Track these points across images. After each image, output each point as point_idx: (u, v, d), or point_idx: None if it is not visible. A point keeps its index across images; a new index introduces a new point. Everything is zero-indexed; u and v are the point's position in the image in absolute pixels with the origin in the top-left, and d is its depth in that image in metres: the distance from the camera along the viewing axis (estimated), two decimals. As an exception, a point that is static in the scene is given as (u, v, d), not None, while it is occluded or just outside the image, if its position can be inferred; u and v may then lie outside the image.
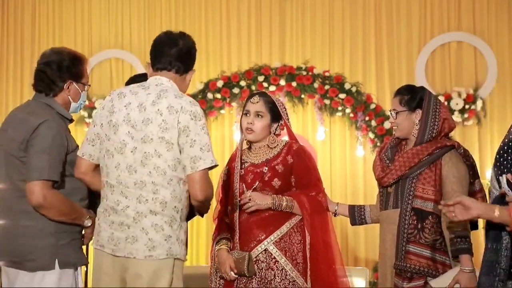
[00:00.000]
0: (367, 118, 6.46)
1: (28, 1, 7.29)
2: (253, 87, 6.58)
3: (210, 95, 6.64)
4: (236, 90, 6.62)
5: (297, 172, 3.35)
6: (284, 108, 3.47)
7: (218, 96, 6.64)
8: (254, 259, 3.23)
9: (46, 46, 6.20)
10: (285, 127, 3.48)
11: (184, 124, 2.66)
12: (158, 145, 2.66)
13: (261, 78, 6.60)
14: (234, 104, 6.70)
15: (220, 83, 6.65)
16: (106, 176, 2.75)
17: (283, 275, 3.22)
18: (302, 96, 6.61)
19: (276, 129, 3.41)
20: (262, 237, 3.26)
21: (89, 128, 2.84)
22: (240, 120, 3.41)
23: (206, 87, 6.69)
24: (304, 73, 6.58)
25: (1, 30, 7.33)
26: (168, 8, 7.14)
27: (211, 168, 2.69)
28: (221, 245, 3.30)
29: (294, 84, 6.56)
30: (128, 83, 3.37)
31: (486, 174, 5.94)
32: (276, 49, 6.95)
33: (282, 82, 6.59)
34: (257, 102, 3.36)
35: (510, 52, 6.67)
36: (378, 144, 6.29)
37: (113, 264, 2.71)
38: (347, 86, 6.53)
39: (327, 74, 6.60)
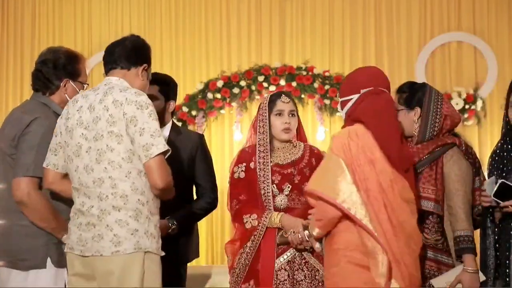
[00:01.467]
0: (367, 118, 6.45)
1: (28, 1, 7.29)
2: (253, 87, 6.58)
3: (210, 95, 6.64)
4: (236, 90, 6.62)
5: None
6: None
7: (218, 96, 6.64)
8: (289, 260, 3.23)
9: (46, 46, 6.08)
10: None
11: (130, 115, 2.66)
12: (109, 140, 2.66)
13: (261, 78, 6.60)
14: (234, 104, 6.70)
15: (220, 83, 6.64)
16: (72, 181, 2.78)
17: (312, 275, 3.23)
18: (302, 96, 6.61)
19: None
20: None
21: (52, 139, 2.86)
22: (269, 120, 3.36)
23: (206, 87, 6.69)
24: (304, 73, 6.58)
25: (1, 30, 7.33)
26: (168, 8, 7.14)
27: (164, 153, 2.67)
28: (277, 214, 3.23)
29: (294, 84, 6.56)
30: None
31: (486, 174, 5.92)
32: (276, 49, 6.94)
33: (282, 82, 6.58)
34: (289, 101, 3.39)
35: (510, 52, 6.67)
36: (378, 144, 6.28)
37: (83, 265, 2.70)
38: (347, 86, 6.52)
39: (327, 74, 6.60)
